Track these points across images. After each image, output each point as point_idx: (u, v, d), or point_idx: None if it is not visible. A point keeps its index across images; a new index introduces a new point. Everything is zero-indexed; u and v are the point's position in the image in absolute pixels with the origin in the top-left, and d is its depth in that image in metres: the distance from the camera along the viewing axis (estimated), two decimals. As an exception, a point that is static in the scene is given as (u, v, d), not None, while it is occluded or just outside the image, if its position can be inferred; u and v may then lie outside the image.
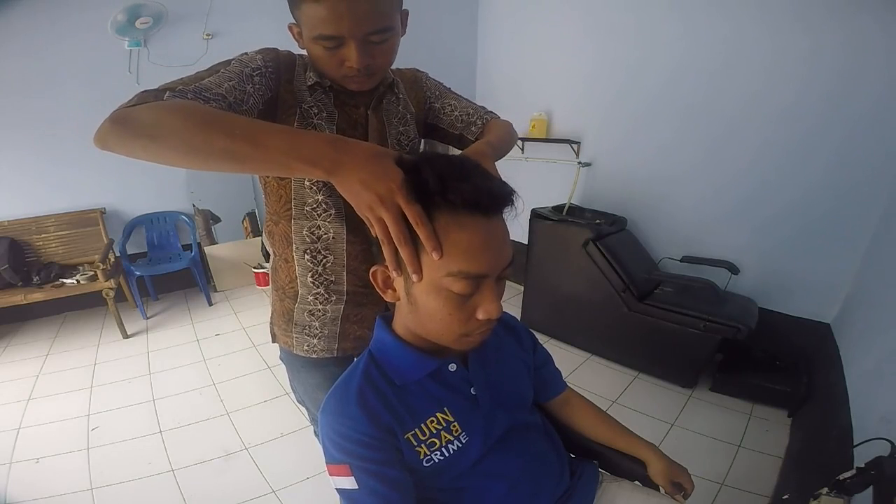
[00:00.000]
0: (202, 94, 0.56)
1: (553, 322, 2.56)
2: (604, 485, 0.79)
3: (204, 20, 2.85)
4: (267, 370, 2.26)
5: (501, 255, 0.53)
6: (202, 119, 0.48)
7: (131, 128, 0.49)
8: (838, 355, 1.71)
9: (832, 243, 2.03)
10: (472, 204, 0.49)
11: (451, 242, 0.50)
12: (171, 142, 0.47)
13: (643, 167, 2.63)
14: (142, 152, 0.49)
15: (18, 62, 2.42)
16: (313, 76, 0.71)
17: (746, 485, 1.55)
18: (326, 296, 0.84)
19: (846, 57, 1.87)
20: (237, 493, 1.49)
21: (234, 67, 0.64)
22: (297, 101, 0.71)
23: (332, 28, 0.60)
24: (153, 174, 2.95)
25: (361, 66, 0.64)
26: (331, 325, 0.87)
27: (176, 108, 0.49)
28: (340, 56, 0.64)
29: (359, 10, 0.59)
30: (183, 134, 0.47)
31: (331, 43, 0.62)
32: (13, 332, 2.61)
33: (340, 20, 0.59)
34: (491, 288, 0.53)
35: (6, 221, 2.52)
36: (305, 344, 0.89)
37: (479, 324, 0.55)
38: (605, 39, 2.69)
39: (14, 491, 1.50)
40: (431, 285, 0.52)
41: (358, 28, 0.60)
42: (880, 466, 0.79)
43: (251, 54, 0.69)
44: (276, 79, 0.69)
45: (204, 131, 0.47)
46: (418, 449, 0.59)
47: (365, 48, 0.63)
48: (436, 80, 0.89)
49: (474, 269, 0.51)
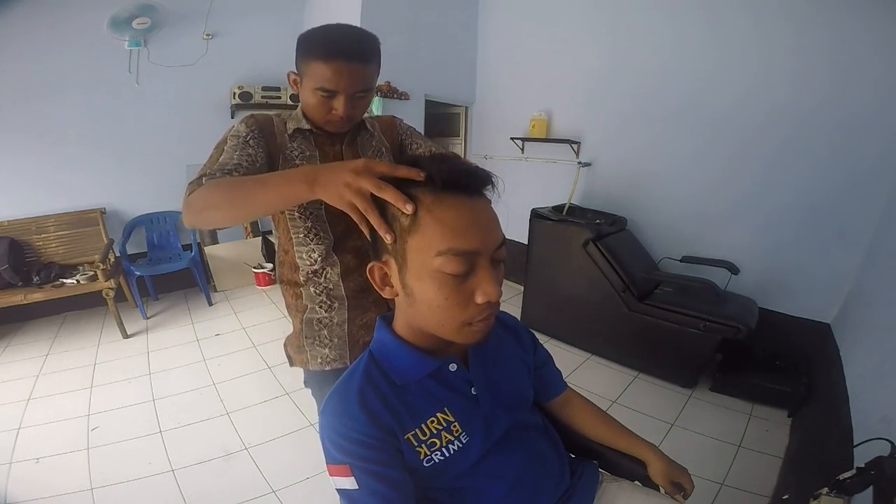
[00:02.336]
0: (225, 169, 0.74)
1: (553, 322, 2.56)
2: (604, 485, 0.79)
3: (204, 20, 2.85)
4: (267, 370, 2.26)
5: (490, 233, 0.54)
6: (230, 186, 0.67)
7: (196, 210, 0.68)
8: (838, 355, 1.71)
9: (832, 243, 2.03)
10: (452, 183, 0.52)
11: (437, 220, 0.51)
12: (222, 207, 0.66)
13: (643, 167, 2.63)
14: (212, 221, 0.72)
15: (19, 62, 2.42)
16: (292, 125, 0.88)
17: (746, 485, 1.55)
18: (329, 303, 0.93)
19: (842, 54, 1.88)
20: (237, 493, 1.49)
21: (232, 141, 0.82)
22: (280, 150, 0.87)
23: (332, 85, 0.79)
24: (153, 174, 2.96)
25: (345, 115, 0.83)
26: (339, 331, 0.93)
27: (213, 186, 0.68)
28: (330, 104, 0.82)
29: (354, 75, 0.79)
30: (225, 199, 0.66)
31: (326, 94, 0.80)
32: (13, 332, 2.61)
33: (340, 80, 0.78)
34: (486, 268, 0.53)
35: (6, 221, 2.52)
36: (318, 356, 0.94)
37: (479, 309, 0.54)
38: (605, 39, 2.69)
39: (14, 491, 1.50)
40: (423, 269, 0.53)
41: (351, 87, 0.80)
42: (880, 466, 0.79)
43: (236, 126, 0.85)
44: (263, 137, 0.85)
45: (234, 191, 0.66)
46: (419, 449, 0.59)
47: (351, 101, 0.82)
48: (408, 125, 1.07)
49: (463, 245, 0.51)
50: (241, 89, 2.98)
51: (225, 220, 0.68)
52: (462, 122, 3.70)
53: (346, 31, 0.80)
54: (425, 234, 0.52)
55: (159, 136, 2.92)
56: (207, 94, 3.01)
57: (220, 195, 0.66)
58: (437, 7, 3.10)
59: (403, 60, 2.93)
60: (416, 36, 3.00)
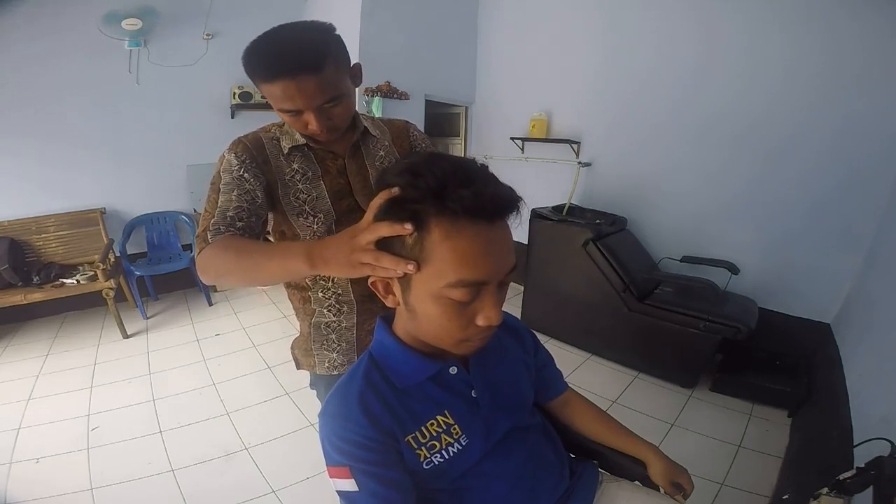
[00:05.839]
0: (227, 217, 0.72)
1: (553, 322, 2.56)
2: (604, 485, 0.79)
3: (204, 20, 2.85)
4: (267, 370, 2.26)
5: (503, 261, 0.52)
6: (238, 254, 0.66)
7: (211, 276, 0.69)
8: (838, 355, 1.71)
9: (832, 243, 2.03)
10: (474, 211, 0.48)
11: (451, 249, 0.48)
12: (235, 276, 0.68)
13: (643, 167, 2.63)
14: (230, 285, 0.72)
15: (20, 63, 2.42)
16: (287, 143, 0.81)
17: (746, 485, 1.55)
18: (338, 307, 0.90)
19: (841, 52, 1.88)
20: (237, 493, 1.49)
21: (226, 177, 0.76)
22: (278, 176, 0.81)
23: (289, 104, 0.70)
24: (153, 174, 2.96)
25: (321, 129, 0.74)
26: (347, 335, 0.92)
27: (221, 250, 0.67)
28: (303, 120, 0.74)
29: (308, 89, 0.69)
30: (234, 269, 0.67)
31: (292, 114, 0.72)
32: (13, 332, 2.61)
33: (294, 98, 0.69)
34: (492, 294, 0.52)
35: (6, 221, 2.52)
36: (326, 361, 0.93)
37: (479, 329, 0.54)
38: (605, 39, 2.69)
39: (14, 491, 1.50)
40: (429, 295, 0.52)
41: (311, 102, 0.70)
42: (880, 466, 0.79)
43: (227, 158, 0.78)
44: (257, 165, 0.79)
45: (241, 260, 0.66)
46: (418, 451, 0.59)
47: (321, 114, 0.73)
48: (422, 133, 0.99)
49: (473, 277, 0.50)
50: (241, 89, 2.98)
51: (242, 285, 0.71)
52: (462, 122, 3.70)
53: (284, 40, 0.69)
54: (436, 265, 0.49)
55: (159, 136, 2.92)
56: (207, 94, 3.01)
57: (229, 265, 0.66)
58: (437, 7, 3.10)
59: (403, 60, 2.93)
60: (416, 36, 2.99)
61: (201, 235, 0.71)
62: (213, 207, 0.74)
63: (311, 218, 0.82)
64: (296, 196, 0.82)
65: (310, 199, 0.82)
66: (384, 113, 2.83)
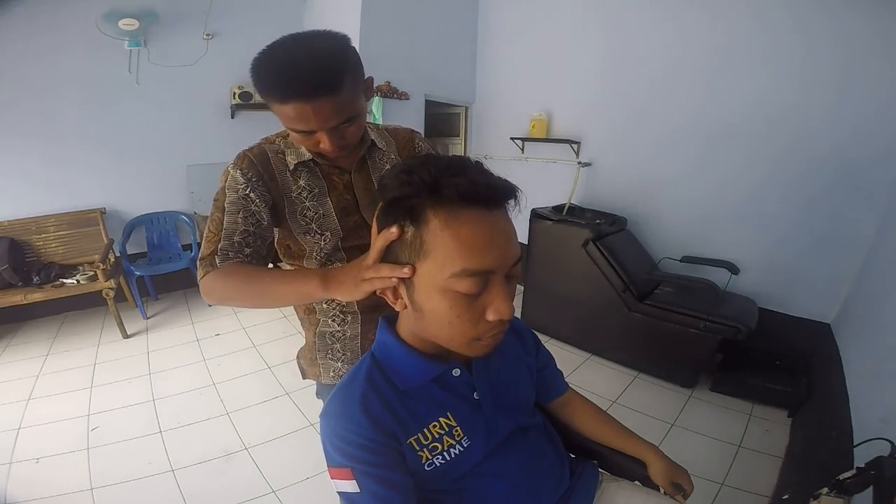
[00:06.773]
0: (234, 241, 0.73)
1: (553, 322, 2.56)
2: (604, 485, 0.79)
3: (204, 20, 2.85)
4: (267, 370, 2.26)
5: (507, 250, 0.51)
6: (246, 280, 0.69)
7: (216, 299, 0.72)
8: (838, 355, 1.71)
9: (832, 243, 2.03)
10: (469, 196, 0.48)
11: (452, 237, 0.48)
12: (241, 299, 0.72)
13: (643, 167, 2.63)
14: (234, 307, 0.75)
15: (20, 62, 2.42)
16: (293, 159, 0.79)
17: (746, 485, 1.55)
18: (343, 317, 0.90)
19: (843, 55, 1.88)
20: (237, 493, 1.49)
21: (231, 196, 0.75)
22: (284, 193, 0.79)
23: (303, 125, 0.67)
24: (153, 174, 2.96)
25: (334, 148, 0.71)
26: (351, 345, 0.92)
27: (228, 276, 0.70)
28: (315, 139, 0.71)
29: (324, 112, 0.65)
30: (242, 293, 0.71)
31: (303, 134, 0.69)
32: (13, 332, 2.61)
33: (308, 120, 0.66)
34: (500, 286, 0.51)
35: (6, 221, 2.52)
36: (331, 370, 0.93)
37: (490, 325, 0.53)
38: (605, 39, 2.69)
39: (14, 491, 1.50)
40: (436, 289, 0.51)
41: (325, 124, 0.67)
42: (880, 466, 0.79)
43: (231, 174, 0.76)
44: (263, 183, 0.77)
45: (250, 285, 0.69)
46: (420, 453, 0.59)
47: (334, 134, 0.70)
48: (427, 144, 0.97)
49: (478, 265, 0.49)
50: (241, 89, 2.98)
51: (246, 307, 0.72)
52: (462, 122, 3.70)
53: (299, 59, 0.62)
54: (437, 256, 0.49)
55: (159, 136, 2.92)
56: (207, 94, 3.01)
57: (236, 289, 0.68)
58: (437, 7, 3.10)
59: (403, 60, 2.93)
60: (416, 36, 2.99)
61: (208, 259, 0.71)
62: (217, 229, 0.73)
63: (318, 236, 0.81)
64: (303, 214, 0.80)
65: (317, 217, 0.81)
66: (384, 113, 2.83)
